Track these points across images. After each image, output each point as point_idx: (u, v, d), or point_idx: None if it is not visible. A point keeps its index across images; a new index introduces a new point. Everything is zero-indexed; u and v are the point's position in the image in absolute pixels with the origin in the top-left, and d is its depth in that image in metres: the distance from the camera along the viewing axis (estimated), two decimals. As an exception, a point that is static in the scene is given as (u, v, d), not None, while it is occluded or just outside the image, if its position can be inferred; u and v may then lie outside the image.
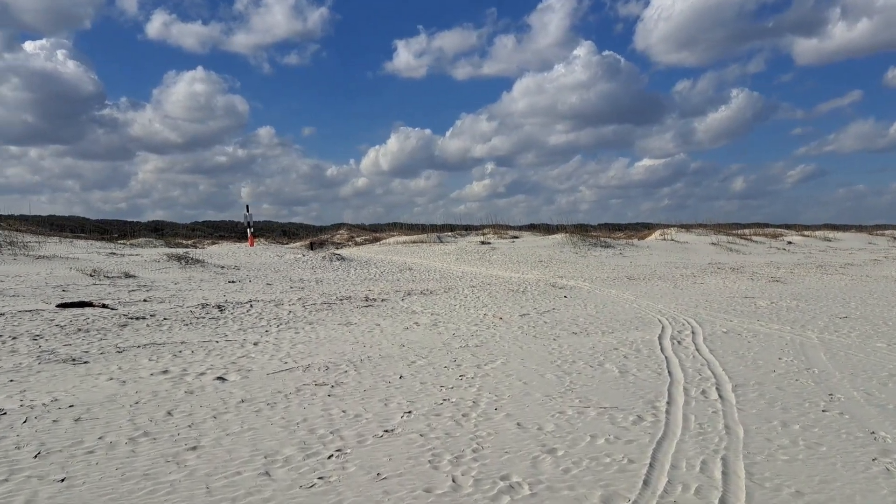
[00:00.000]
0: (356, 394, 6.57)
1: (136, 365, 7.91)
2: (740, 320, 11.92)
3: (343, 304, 14.08)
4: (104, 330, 10.28)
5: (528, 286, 18.72)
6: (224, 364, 7.99)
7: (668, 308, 13.71)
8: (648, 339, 9.98)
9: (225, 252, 26.59)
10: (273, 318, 12.06)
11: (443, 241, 42.06)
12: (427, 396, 6.49)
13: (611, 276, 22.47)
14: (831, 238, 53.38)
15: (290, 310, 13.00)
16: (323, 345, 9.47)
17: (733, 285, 19.09)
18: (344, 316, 12.45)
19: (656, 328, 11.03)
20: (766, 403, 6.31)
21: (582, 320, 12.08)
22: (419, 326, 11.31)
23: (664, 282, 20.21)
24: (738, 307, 13.85)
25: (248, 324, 11.37)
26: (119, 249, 24.73)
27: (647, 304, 14.47)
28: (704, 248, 40.29)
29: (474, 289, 17.85)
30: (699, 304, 14.31)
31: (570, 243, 37.11)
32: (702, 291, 17.30)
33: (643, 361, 8.32)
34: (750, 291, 17.21)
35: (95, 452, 4.79)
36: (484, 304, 14.51)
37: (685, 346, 9.34)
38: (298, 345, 9.45)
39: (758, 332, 10.54)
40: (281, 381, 7.08)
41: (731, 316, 12.51)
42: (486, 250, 33.47)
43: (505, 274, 23.44)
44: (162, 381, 7.07)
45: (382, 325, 11.41)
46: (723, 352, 8.92)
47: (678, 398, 6.45)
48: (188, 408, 5.99)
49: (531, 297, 15.93)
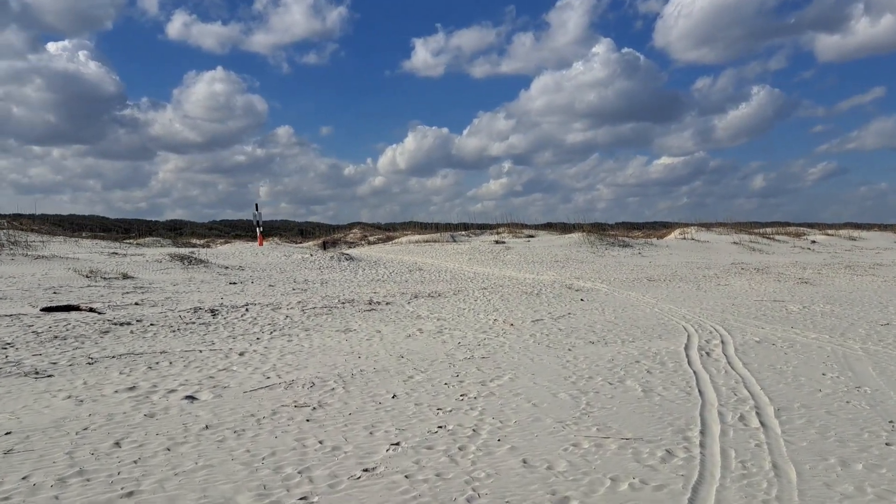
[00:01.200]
0: (339, 418, 5.73)
1: (104, 379, 7.12)
2: (772, 327, 10.94)
3: (345, 307, 13.25)
4: (82, 337, 9.53)
5: (543, 288, 17.81)
6: (200, 379, 7.18)
7: (693, 313, 12.74)
8: (674, 349, 9.05)
9: (232, 252, 25.92)
10: (268, 323, 11.26)
11: (456, 241, 41.20)
12: (420, 422, 5.63)
13: (629, 277, 21.48)
14: (856, 237, 51.83)
15: (287, 314, 12.20)
16: (315, 355, 8.65)
17: (760, 287, 18.05)
18: (344, 321, 11.62)
19: (681, 336, 10.09)
20: (818, 433, 5.38)
21: (599, 327, 11.16)
22: (422, 334, 10.46)
23: (686, 283, 19.20)
24: (767, 312, 12.86)
25: (240, 330, 10.58)
26: (123, 249, 24.12)
27: (670, 309, 13.51)
28: (726, 248, 39.07)
29: (485, 291, 16.97)
30: (726, 309, 13.33)
31: (587, 243, 36.08)
32: (727, 294, 16.29)
33: (669, 377, 7.40)
34: (778, 294, 16.18)
35: (11, 499, 3.98)
36: (495, 309, 13.63)
37: (715, 359, 8.40)
38: (288, 355, 8.62)
39: (794, 342, 9.57)
40: (257, 401, 6.25)
41: (762, 322, 11.53)
42: (500, 250, 32.55)
43: (519, 275, 22.53)
44: (124, 400, 6.27)
45: (383, 332, 10.57)
46: (758, 366, 7.97)
47: (713, 426, 5.54)
48: (142, 436, 5.18)
49: (545, 301, 15.03)
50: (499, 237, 42.67)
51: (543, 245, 35.07)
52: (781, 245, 43.08)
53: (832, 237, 50.93)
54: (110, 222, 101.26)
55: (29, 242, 23.75)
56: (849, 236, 51.85)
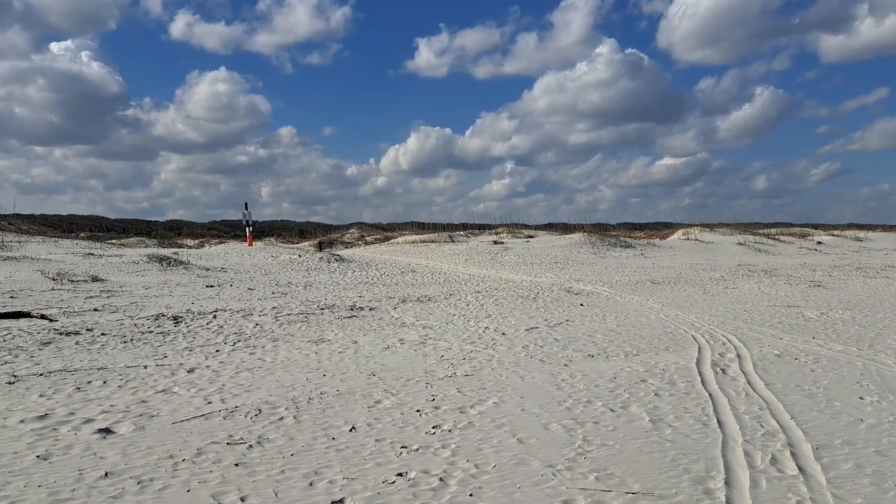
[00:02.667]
0: (277, 461, 4.65)
1: (17, 404, 6.05)
2: (791, 338, 9.86)
3: (323, 314, 12.17)
4: (17, 350, 8.46)
5: (541, 292, 16.73)
6: (129, 404, 6.11)
7: (702, 320, 11.66)
8: (684, 365, 7.97)
9: (219, 253, 24.86)
10: (234, 332, 10.19)
11: (454, 241, 40.15)
12: (377, 467, 4.55)
13: (632, 279, 20.39)
14: (862, 238, 50.72)
15: (258, 322, 11.13)
16: (274, 372, 7.57)
17: (770, 290, 16.96)
18: (319, 330, 10.55)
19: (692, 349, 9.01)
20: (872, 483, 4.30)
21: (600, 336, 10.08)
22: (403, 345, 9.38)
23: (692, 287, 18.11)
24: (783, 319, 11.77)
25: (200, 341, 9.51)
26: (101, 250, 23.06)
27: (676, 315, 12.43)
28: (731, 249, 37.96)
29: (479, 295, 15.89)
30: (737, 316, 12.24)
31: (588, 243, 34.98)
32: (737, 299, 15.20)
33: (681, 402, 6.32)
34: (791, 298, 15.09)
35: None
36: (487, 315, 12.55)
37: (732, 377, 7.32)
38: (244, 372, 7.55)
39: (818, 356, 8.49)
40: (184, 436, 5.17)
41: (779, 331, 10.45)
42: (498, 251, 31.44)
43: (516, 277, 21.44)
44: (25, 433, 5.20)
45: (360, 343, 9.49)
46: (783, 386, 6.89)
47: (739, 472, 4.46)
48: (18, 490, 4.10)
49: (542, 306, 13.95)
50: (497, 238, 41.59)
51: (543, 246, 33.98)
52: (787, 246, 41.95)
53: (838, 238, 49.80)
54: (109, 222, 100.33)
55: (4, 243, 22.71)
56: (855, 237, 50.72)
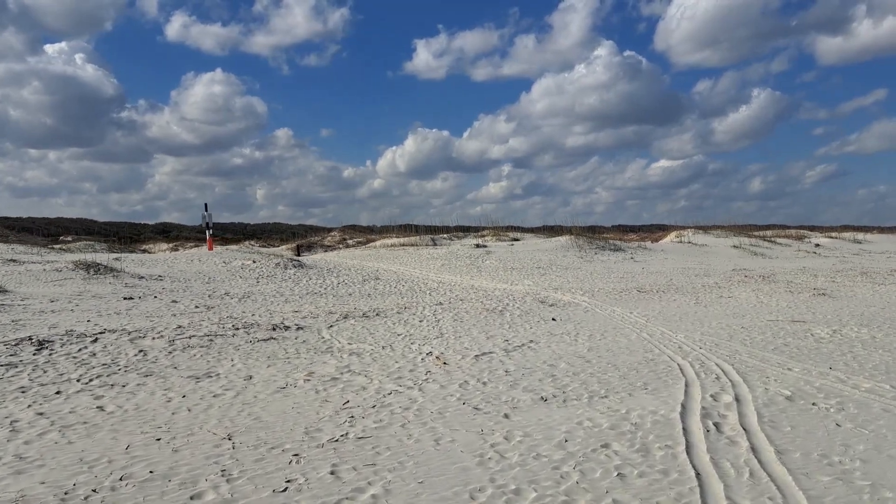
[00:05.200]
0: None
1: None
2: (803, 368, 7.84)
3: (235, 336, 10.10)
4: None
5: (511, 303, 14.69)
6: None
7: (692, 341, 9.65)
8: (664, 415, 5.93)
9: (166, 259, 22.75)
10: (104, 363, 8.11)
11: (437, 245, 38.13)
12: None
13: (618, 286, 18.37)
14: (861, 240, 48.93)
15: (145, 347, 9.04)
16: (97, 432, 5.49)
17: (770, 300, 14.96)
18: (215, 360, 8.48)
19: (676, 386, 6.98)
20: None
21: (564, 367, 8.04)
22: (308, 382, 7.32)
23: (683, 296, 16.10)
24: (789, 339, 9.76)
25: (51, 376, 7.44)
26: (30, 255, 20.92)
27: (662, 334, 10.41)
28: (725, 252, 35.99)
29: (439, 308, 13.85)
30: (734, 334, 10.23)
31: (576, 246, 32.98)
32: (733, 311, 13.20)
33: (654, 487, 4.28)
34: (796, 310, 13.09)
35: None
36: (439, 334, 10.51)
37: (730, 439, 5.28)
38: (52, 432, 5.47)
39: (842, 398, 6.46)
40: None
41: (786, 358, 8.43)
42: (479, 255, 29.37)
43: (490, 285, 19.40)
44: None
45: (254, 380, 7.43)
46: (802, 457, 4.86)
47: None
48: None
49: (508, 321, 11.92)
50: (481, 241, 39.57)
51: (528, 249, 31.95)
52: (784, 249, 40.04)
53: (836, 240, 47.95)
54: (98, 225, 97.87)
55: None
56: (853, 239, 48.92)
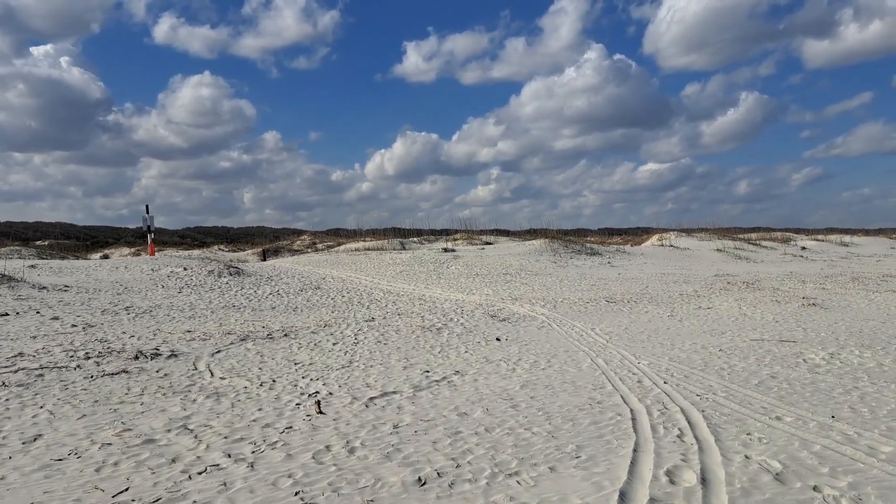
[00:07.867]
0: None
1: None
2: (797, 417, 5.88)
3: (78, 369, 8.00)
4: None
5: (457, 317, 12.70)
6: None
7: (657, 370, 7.67)
8: None
9: (84, 266, 20.54)
10: None
11: (405, 249, 36.12)
12: None
13: (585, 295, 16.42)
14: (848, 243, 47.39)
15: (-55, 388, 6.94)
16: None
17: (755, 312, 13.07)
18: (14, 407, 6.40)
19: (621, 452, 4.98)
20: None
21: (478, 416, 6.03)
22: (119, 440, 5.25)
23: (657, 307, 14.18)
24: (777, 369, 7.82)
25: None
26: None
27: (622, 359, 8.45)
28: (708, 255, 34.20)
29: (367, 326, 11.82)
30: (709, 361, 8.27)
31: (550, 250, 31.06)
32: (711, 326, 11.27)
33: None
34: (784, 325, 11.19)
35: None
36: (347, 363, 8.49)
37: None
38: None
39: (856, 478, 4.50)
40: None
41: (774, 399, 6.48)
42: (445, 260, 27.33)
43: (443, 294, 17.39)
44: None
45: (36, 444, 5.36)
46: None
47: None
48: None
49: (443, 342, 9.93)
50: (451, 245, 37.59)
51: (498, 254, 29.95)
52: (769, 252, 38.34)
53: (823, 243, 46.38)
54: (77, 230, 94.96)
55: None
56: (840, 242, 47.38)
